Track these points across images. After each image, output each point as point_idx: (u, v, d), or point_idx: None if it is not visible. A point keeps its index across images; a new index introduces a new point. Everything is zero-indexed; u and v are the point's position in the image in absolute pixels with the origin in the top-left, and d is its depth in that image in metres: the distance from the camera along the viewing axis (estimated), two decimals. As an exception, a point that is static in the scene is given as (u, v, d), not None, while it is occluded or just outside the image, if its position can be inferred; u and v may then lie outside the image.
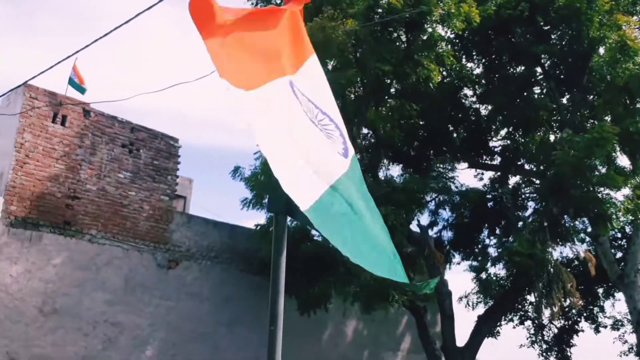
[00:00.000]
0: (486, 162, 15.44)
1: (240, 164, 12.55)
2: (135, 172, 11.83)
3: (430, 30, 10.76)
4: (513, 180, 15.79)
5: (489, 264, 13.78)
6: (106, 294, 11.00)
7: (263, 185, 11.83)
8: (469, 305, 13.74)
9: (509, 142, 15.16)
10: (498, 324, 15.71)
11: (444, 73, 12.47)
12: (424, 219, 18.90)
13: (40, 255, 10.34)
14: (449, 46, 12.83)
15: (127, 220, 11.53)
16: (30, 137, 10.51)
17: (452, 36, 12.92)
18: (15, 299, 9.96)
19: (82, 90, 11.27)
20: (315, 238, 12.40)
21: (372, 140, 12.31)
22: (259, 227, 12.29)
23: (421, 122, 13.40)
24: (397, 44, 10.98)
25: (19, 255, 10.08)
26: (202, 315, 12.18)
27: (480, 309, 13.81)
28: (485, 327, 13.41)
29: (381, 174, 11.95)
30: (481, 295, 13.75)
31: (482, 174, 15.61)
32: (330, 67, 10.84)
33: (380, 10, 10.76)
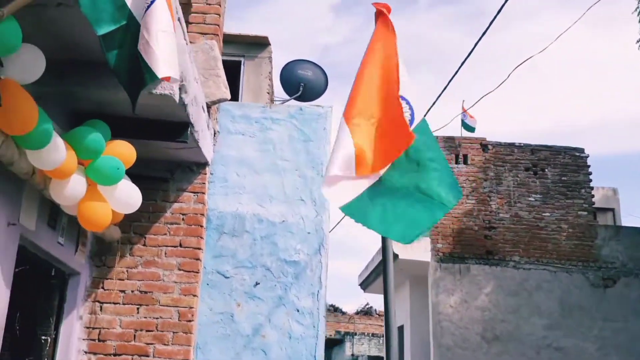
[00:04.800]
0: None
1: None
2: (545, 192, 11.61)
3: None
4: None
5: None
6: (543, 318, 10.85)
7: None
8: None
9: None
10: None
11: None
12: None
13: (472, 285, 11.09)
14: None
15: (547, 242, 11.30)
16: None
17: None
18: (459, 327, 10.88)
19: (471, 129, 12.01)
20: None
21: None
22: None
23: None
24: None
25: (453, 287, 11.09)
26: (660, 337, 10.57)
27: None
28: None
29: None
30: None
31: None
32: None
33: None
